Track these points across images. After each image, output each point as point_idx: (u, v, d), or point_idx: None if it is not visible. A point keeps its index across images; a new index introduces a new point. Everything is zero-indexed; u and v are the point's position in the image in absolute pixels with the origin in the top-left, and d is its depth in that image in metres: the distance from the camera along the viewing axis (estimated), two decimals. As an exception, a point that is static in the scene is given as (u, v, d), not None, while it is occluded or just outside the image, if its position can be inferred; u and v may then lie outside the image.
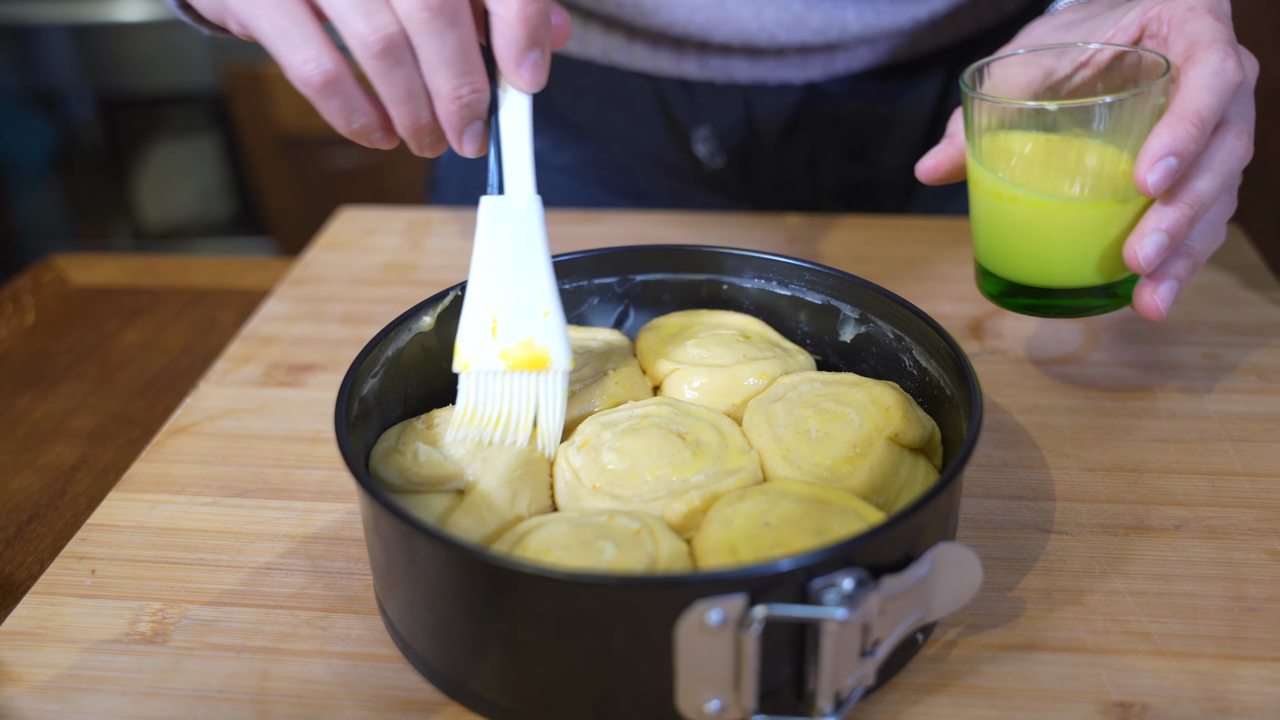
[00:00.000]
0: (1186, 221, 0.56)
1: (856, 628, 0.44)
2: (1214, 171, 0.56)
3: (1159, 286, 0.59)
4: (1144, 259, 0.56)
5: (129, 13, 2.09)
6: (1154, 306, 0.59)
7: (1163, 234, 0.56)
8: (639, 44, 0.89)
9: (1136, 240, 0.56)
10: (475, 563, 0.45)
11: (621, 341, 0.66)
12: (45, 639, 0.54)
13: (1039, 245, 0.60)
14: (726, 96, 0.91)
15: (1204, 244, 0.59)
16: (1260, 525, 0.59)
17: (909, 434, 0.57)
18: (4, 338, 0.84)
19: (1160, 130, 0.54)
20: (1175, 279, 0.59)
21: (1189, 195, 0.56)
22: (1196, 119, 0.54)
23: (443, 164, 1.07)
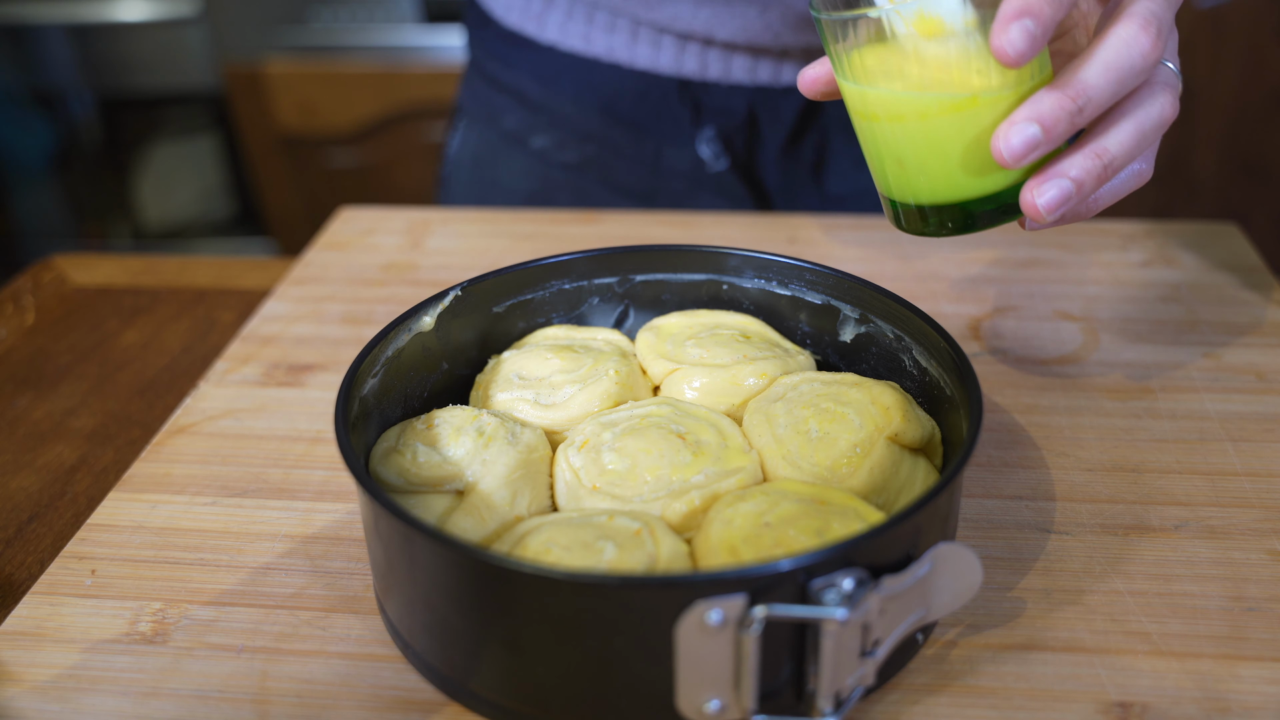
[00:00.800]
0: (1066, 115, 0.49)
1: (856, 628, 0.44)
2: (1103, 63, 0.49)
3: (1044, 183, 0.50)
4: (1007, 150, 0.49)
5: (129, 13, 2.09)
6: (1032, 204, 0.51)
7: (1034, 124, 0.49)
8: (642, 42, 0.89)
9: (1004, 130, 0.49)
10: (475, 563, 0.45)
11: (621, 341, 0.66)
12: (45, 639, 0.54)
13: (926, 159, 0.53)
14: (731, 98, 0.91)
15: (1120, 146, 0.51)
16: (1260, 525, 0.59)
17: (909, 434, 0.57)
18: (4, 338, 0.84)
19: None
20: (1070, 179, 0.50)
21: (1070, 85, 0.49)
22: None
23: (450, 161, 1.07)
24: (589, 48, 0.91)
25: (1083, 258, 0.87)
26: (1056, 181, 0.50)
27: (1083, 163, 0.50)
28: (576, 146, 0.97)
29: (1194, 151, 1.83)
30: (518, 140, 1.00)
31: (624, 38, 0.90)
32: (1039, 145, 0.49)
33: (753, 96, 0.90)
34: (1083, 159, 0.50)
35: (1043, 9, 0.47)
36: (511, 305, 0.66)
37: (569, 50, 0.92)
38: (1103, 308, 0.80)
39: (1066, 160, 0.51)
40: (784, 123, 0.92)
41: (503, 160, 1.01)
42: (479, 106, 1.02)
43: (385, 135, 2.07)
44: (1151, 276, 0.84)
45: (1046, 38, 0.47)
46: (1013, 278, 0.84)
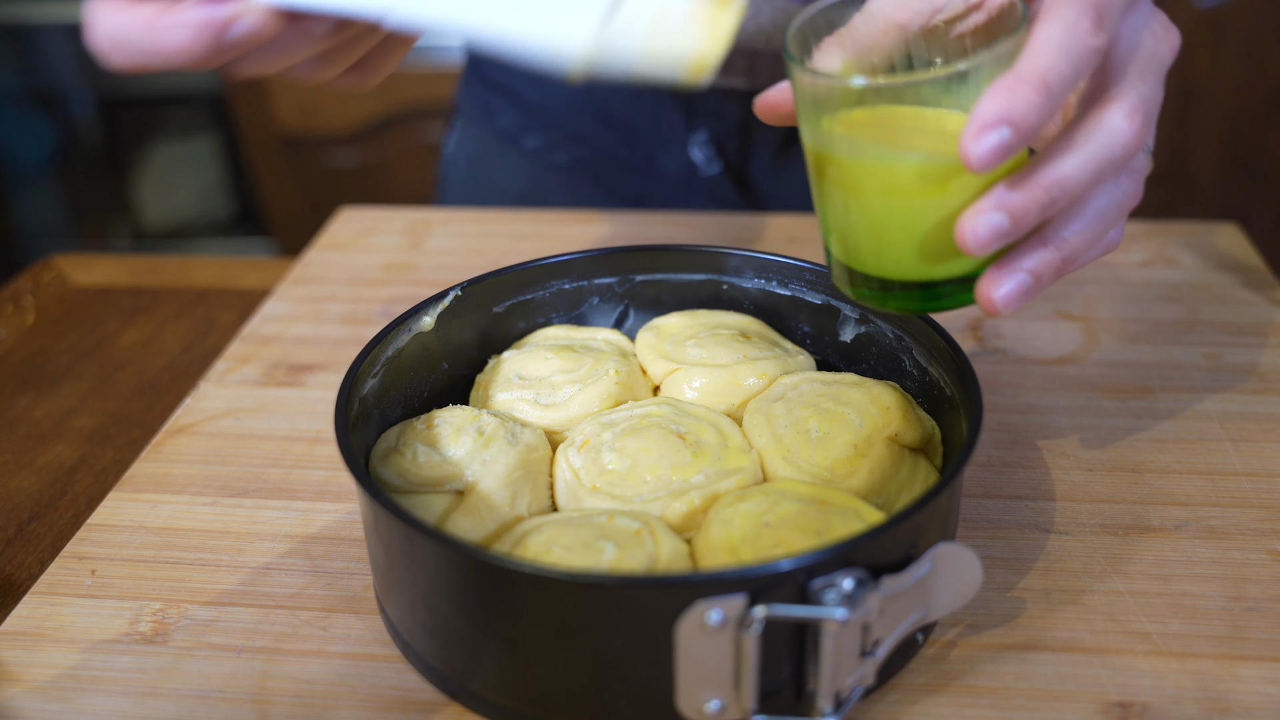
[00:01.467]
0: (1038, 207, 0.45)
1: (856, 628, 0.44)
2: (1085, 155, 0.45)
3: (1003, 277, 0.47)
4: (972, 238, 0.45)
5: (129, 13, 2.08)
6: (990, 301, 0.47)
7: (1003, 215, 0.45)
8: None
9: (971, 217, 0.45)
10: (475, 563, 0.45)
11: (621, 341, 0.66)
12: (45, 639, 0.54)
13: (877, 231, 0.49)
14: (724, 103, 0.91)
15: (1081, 239, 0.48)
16: (1260, 525, 0.59)
17: (909, 434, 0.57)
18: (4, 338, 0.84)
19: (993, 93, 0.43)
20: (1029, 274, 0.47)
21: (1047, 177, 0.45)
22: (1039, 82, 0.43)
23: (447, 161, 1.07)
24: None
25: (1083, 258, 0.87)
26: (1014, 276, 0.47)
27: (1042, 256, 0.48)
28: (569, 148, 0.97)
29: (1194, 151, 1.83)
30: (512, 140, 1.00)
31: None
32: (1006, 236, 0.46)
33: (747, 101, 0.90)
34: (1043, 253, 0.48)
35: (1026, 117, 0.43)
36: (511, 305, 0.66)
37: None
38: (1103, 308, 0.80)
39: (1026, 255, 0.48)
40: (778, 129, 0.92)
41: (497, 160, 1.01)
42: (475, 106, 1.02)
43: (385, 135, 2.07)
44: (1151, 276, 0.84)
45: (1024, 145, 0.44)
46: (1013, 278, 0.84)
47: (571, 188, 0.99)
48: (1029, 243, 0.48)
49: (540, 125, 0.97)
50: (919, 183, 0.47)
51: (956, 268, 0.49)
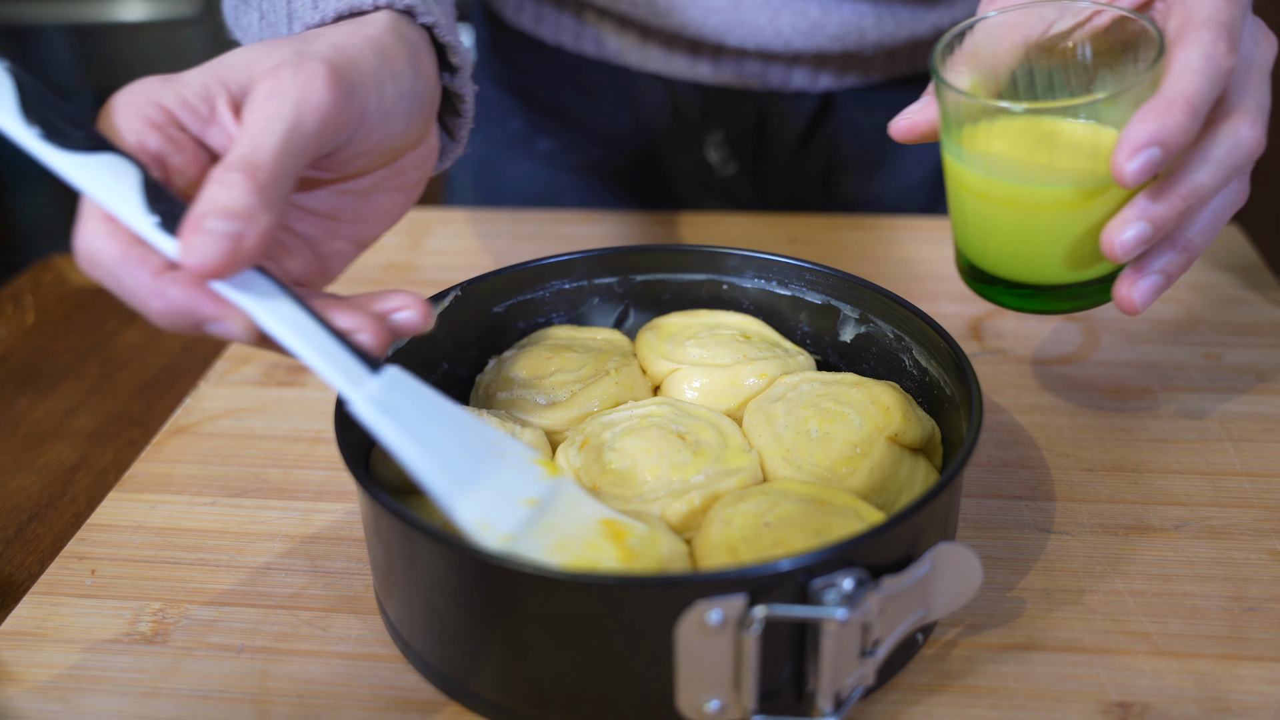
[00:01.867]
0: (1177, 214, 0.51)
1: (856, 628, 0.44)
2: (1216, 164, 0.50)
3: (1140, 280, 0.53)
4: (1120, 247, 0.51)
5: (129, 13, 2.09)
6: (1129, 301, 0.54)
7: (1146, 224, 0.50)
8: (653, 45, 0.89)
9: (1117, 227, 0.51)
10: (475, 563, 0.45)
11: (621, 341, 0.66)
12: (45, 639, 0.54)
13: (1026, 241, 0.55)
14: (741, 102, 0.91)
15: (1203, 238, 0.54)
16: (1260, 525, 0.59)
17: (909, 434, 0.57)
18: (4, 338, 0.84)
19: (1144, 115, 0.48)
20: (1162, 274, 0.53)
21: (1184, 187, 0.50)
22: (1186, 105, 0.47)
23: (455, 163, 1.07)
24: (600, 51, 0.91)
25: (1083, 258, 0.87)
26: (1151, 279, 0.54)
27: (1171, 257, 0.54)
28: (583, 150, 0.97)
29: (1194, 151, 1.82)
30: (523, 143, 0.99)
31: (635, 40, 0.89)
32: (1148, 242, 0.51)
33: (762, 102, 0.90)
34: (1172, 254, 0.54)
35: (1174, 137, 0.47)
36: (511, 305, 0.66)
37: (579, 53, 0.92)
38: (1103, 308, 0.80)
39: (1158, 257, 0.53)
40: (794, 129, 0.92)
41: (507, 164, 1.01)
42: (484, 109, 1.02)
43: (385, 135, 2.07)
44: (1151, 276, 0.84)
45: (1168, 161, 0.49)
46: (1013, 278, 0.84)
47: (584, 190, 0.99)
48: (1160, 246, 0.53)
49: (555, 126, 0.96)
50: (1069, 198, 0.52)
51: (1096, 271, 0.55)
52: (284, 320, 0.44)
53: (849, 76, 0.89)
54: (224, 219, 0.41)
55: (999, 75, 0.56)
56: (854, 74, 0.89)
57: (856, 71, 0.89)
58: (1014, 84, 0.56)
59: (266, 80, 0.45)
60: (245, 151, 0.43)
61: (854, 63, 0.88)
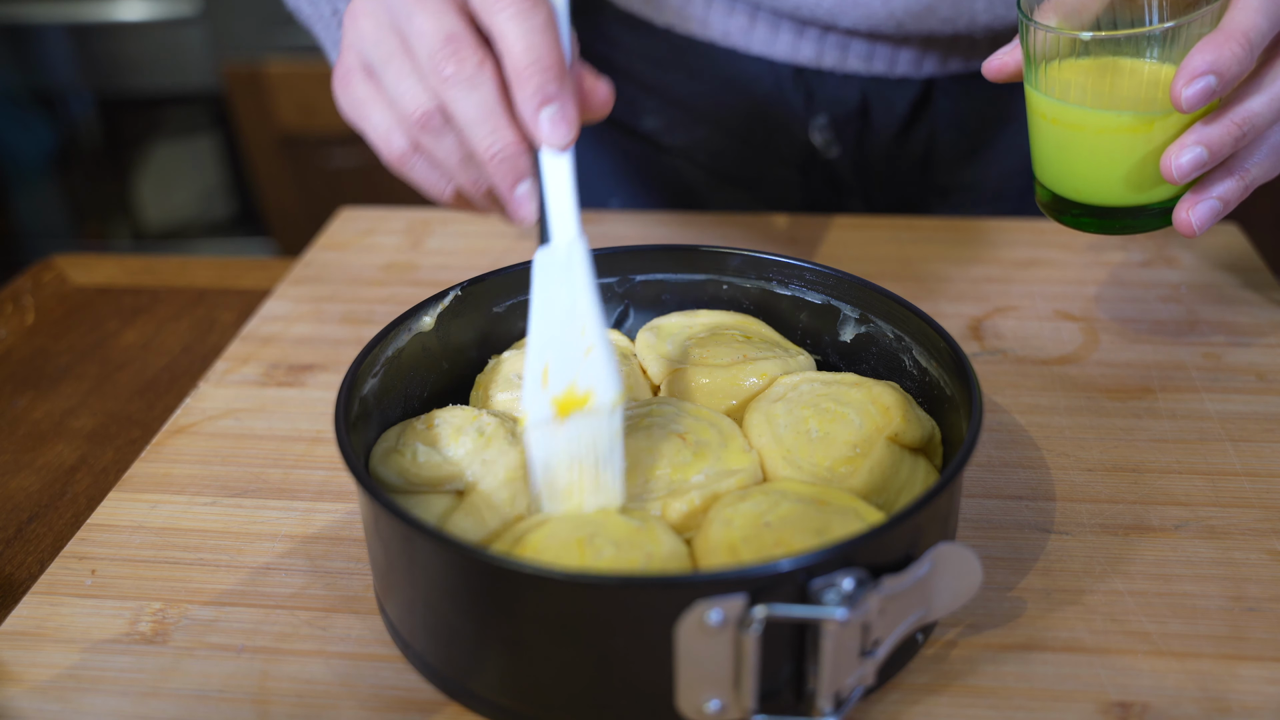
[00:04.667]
0: (1232, 140, 0.55)
1: (856, 628, 0.44)
2: (1272, 95, 0.55)
3: (1198, 204, 0.58)
4: (1177, 169, 0.56)
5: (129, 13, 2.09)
6: (1188, 223, 0.58)
7: (1202, 148, 0.55)
8: (760, 27, 0.89)
9: (1175, 151, 0.56)
10: (475, 563, 0.45)
11: (621, 341, 0.66)
12: (45, 639, 0.54)
13: (1095, 165, 0.60)
14: (845, 87, 0.91)
15: (1261, 169, 0.58)
16: (1260, 525, 0.59)
17: (909, 434, 0.57)
18: (4, 338, 0.84)
19: (1203, 46, 0.53)
20: (1218, 199, 0.58)
21: (1239, 113, 0.55)
22: (1243, 38, 0.53)
23: None
24: (705, 32, 0.92)
25: (1083, 258, 0.87)
26: (1209, 204, 0.58)
27: (1230, 184, 0.58)
28: (685, 129, 0.97)
29: (1194, 151, 1.83)
30: (625, 122, 0.99)
31: (742, 22, 0.90)
32: (1204, 166, 0.56)
33: (866, 86, 0.91)
34: (1231, 181, 0.58)
35: (1230, 67, 0.53)
36: (511, 305, 0.66)
37: (685, 34, 0.93)
38: (1103, 308, 0.80)
39: (1217, 183, 0.58)
40: (896, 113, 0.92)
41: (607, 141, 1.00)
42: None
43: (385, 135, 2.07)
44: (1151, 276, 0.84)
45: (1226, 90, 0.53)
46: (1013, 278, 0.84)
47: (682, 169, 0.99)
48: (1217, 173, 0.58)
49: (657, 106, 0.97)
50: (1133, 123, 0.57)
51: (1157, 195, 0.60)
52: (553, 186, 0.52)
53: (953, 62, 0.90)
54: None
55: (1083, 22, 0.60)
56: (958, 59, 0.90)
57: (961, 56, 0.89)
58: (1097, 27, 0.61)
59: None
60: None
61: (960, 46, 0.89)
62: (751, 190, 0.99)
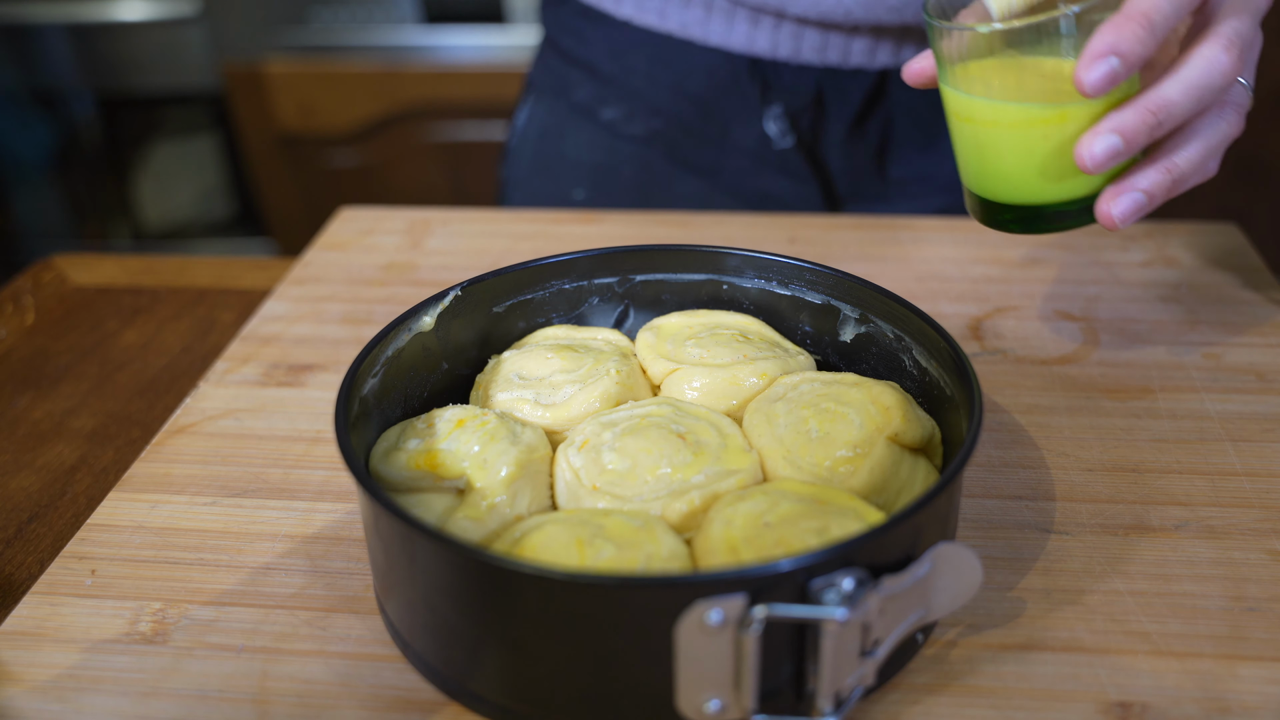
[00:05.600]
0: (1146, 127, 0.54)
1: (856, 628, 0.44)
2: (1187, 84, 0.54)
3: (1120, 195, 0.56)
4: (1090, 158, 0.54)
5: (129, 13, 2.09)
6: (1108, 216, 0.56)
7: (1116, 136, 0.54)
8: (716, 17, 0.91)
9: (1088, 139, 0.54)
10: (475, 563, 0.45)
11: (621, 341, 0.66)
12: (45, 639, 0.54)
13: (1014, 162, 0.58)
14: (800, 77, 0.93)
15: (1189, 162, 0.56)
16: (1260, 525, 0.59)
17: (909, 434, 0.57)
18: (4, 338, 0.84)
19: (1104, 29, 0.52)
20: (1143, 192, 0.56)
21: (1153, 100, 0.54)
22: (1143, 19, 0.52)
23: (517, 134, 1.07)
24: (663, 23, 0.94)
25: (1083, 258, 0.87)
26: (1131, 195, 0.56)
27: (1154, 177, 0.56)
28: (645, 119, 0.99)
29: (1194, 151, 1.83)
30: (587, 112, 1.01)
31: (699, 13, 0.92)
32: (1119, 155, 0.54)
33: (821, 76, 0.92)
34: (1155, 173, 0.56)
35: (1133, 49, 0.51)
36: (511, 305, 0.66)
37: (643, 26, 0.95)
38: (1103, 308, 0.80)
39: (1140, 174, 0.56)
40: (850, 104, 0.94)
41: (570, 132, 1.03)
42: (549, 81, 1.04)
43: (385, 135, 2.07)
44: (1151, 276, 0.84)
45: (1130, 73, 0.52)
46: (1013, 278, 0.84)
47: (644, 159, 1.00)
48: (1142, 166, 0.56)
49: (617, 97, 0.99)
50: (1044, 115, 0.56)
51: (1079, 189, 0.58)
52: None
53: (906, 53, 0.91)
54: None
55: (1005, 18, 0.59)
56: (911, 50, 0.91)
57: (914, 47, 0.91)
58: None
59: None
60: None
61: (912, 37, 0.91)
62: (710, 180, 1.00)
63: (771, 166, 0.98)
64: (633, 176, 1.01)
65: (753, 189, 0.99)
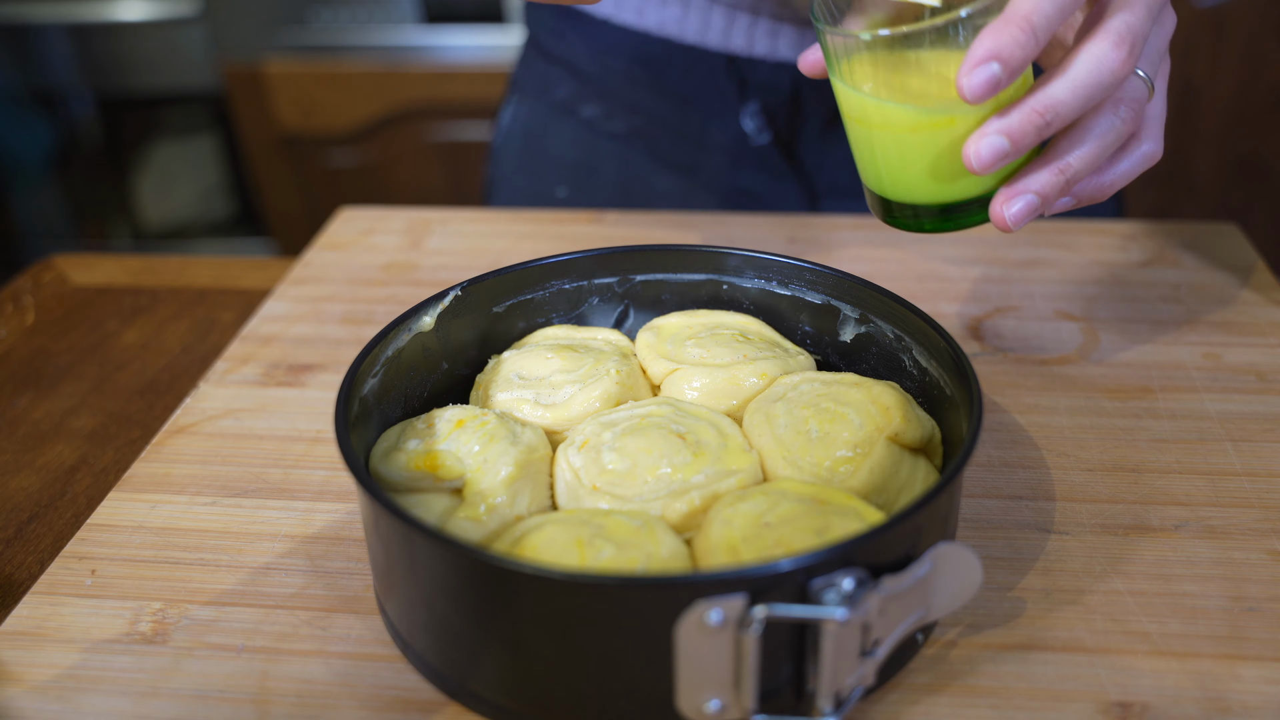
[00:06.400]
0: (1034, 128, 0.52)
1: (856, 628, 0.44)
2: (1075, 81, 0.52)
3: (1013, 198, 0.55)
4: (977, 159, 0.53)
5: (129, 13, 2.09)
6: (1001, 218, 0.55)
7: (1002, 137, 0.52)
8: (692, 15, 0.92)
9: (975, 140, 0.53)
10: (475, 563, 0.45)
11: (621, 341, 0.66)
12: (45, 639, 0.54)
13: (906, 163, 0.57)
14: (776, 74, 0.94)
15: (1082, 161, 0.55)
16: (1260, 525, 0.59)
17: (909, 434, 0.57)
18: (4, 338, 0.84)
19: (984, 34, 0.51)
20: (1036, 194, 0.55)
21: (1040, 100, 0.52)
22: (1024, 22, 0.50)
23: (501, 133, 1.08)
24: (641, 21, 0.94)
25: (1083, 258, 0.87)
26: (1023, 197, 0.55)
27: (1046, 178, 0.55)
28: (624, 117, 1.00)
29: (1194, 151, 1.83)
30: (568, 110, 1.02)
31: (675, 12, 0.93)
32: (1006, 156, 0.53)
33: (797, 73, 0.93)
34: (1046, 175, 0.55)
35: (1013, 53, 0.50)
36: (511, 305, 0.66)
37: (622, 24, 0.95)
38: (1103, 308, 0.80)
39: (1031, 176, 0.55)
40: (827, 100, 0.94)
41: (552, 130, 1.04)
42: (532, 79, 1.05)
43: (385, 135, 2.07)
44: (1151, 276, 0.84)
45: (1013, 79, 0.51)
46: (1013, 278, 0.84)
47: (624, 157, 1.01)
48: (1034, 166, 0.55)
49: (597, 95, 1.00)
50: (930, 118, 0.55)
51: (971, 188, 0.57)
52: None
53: None
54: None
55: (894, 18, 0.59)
56: None
57: None
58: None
59: None
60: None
61: None
62: (689, 177, 1.01)
63: (749, 163, 0.99)
64: (613, 174, 1.02)
65: (731, 185, 1.00)
